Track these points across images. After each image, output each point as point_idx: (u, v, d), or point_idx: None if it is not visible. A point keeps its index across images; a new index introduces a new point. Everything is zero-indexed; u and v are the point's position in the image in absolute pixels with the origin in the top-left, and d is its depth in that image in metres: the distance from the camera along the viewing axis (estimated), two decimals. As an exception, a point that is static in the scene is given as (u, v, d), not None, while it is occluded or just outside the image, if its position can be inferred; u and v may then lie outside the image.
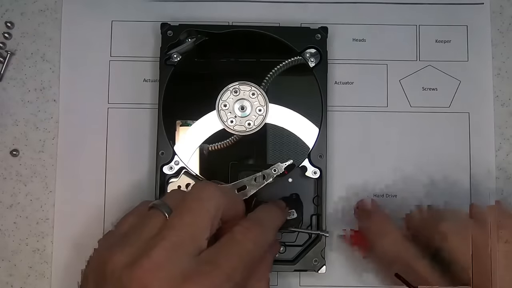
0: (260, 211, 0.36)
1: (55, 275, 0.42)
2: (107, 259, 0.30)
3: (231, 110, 0.42)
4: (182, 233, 0.30)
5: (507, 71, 0.45)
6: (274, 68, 0.42)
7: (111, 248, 0.31)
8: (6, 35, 0.45)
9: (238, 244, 0.32)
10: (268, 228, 0.35)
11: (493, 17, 0.45)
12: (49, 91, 0.44)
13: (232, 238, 0.32)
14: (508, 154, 0.44)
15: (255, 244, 0.32)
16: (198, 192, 0.32)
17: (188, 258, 0.30)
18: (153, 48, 0.44)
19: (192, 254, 0.30)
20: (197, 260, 0.30)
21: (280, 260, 0.41)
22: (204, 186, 0.33)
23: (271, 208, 0.38)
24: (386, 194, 0.43)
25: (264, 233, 0.34)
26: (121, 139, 0.44)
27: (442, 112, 0.44)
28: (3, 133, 0.44)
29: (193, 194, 0.33)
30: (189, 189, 0.34)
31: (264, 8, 0.45)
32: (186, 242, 0.30)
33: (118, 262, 0.29)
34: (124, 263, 0.29)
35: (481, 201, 0.43)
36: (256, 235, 0.33)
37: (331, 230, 0.42)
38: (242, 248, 0.32)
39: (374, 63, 0.45)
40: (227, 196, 0.34)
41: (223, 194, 0.33)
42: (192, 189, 0.33)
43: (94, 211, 0.43)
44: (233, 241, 0.32)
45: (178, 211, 0.31)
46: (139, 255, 0.29)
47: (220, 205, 0.32)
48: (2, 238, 0.43)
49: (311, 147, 0.41)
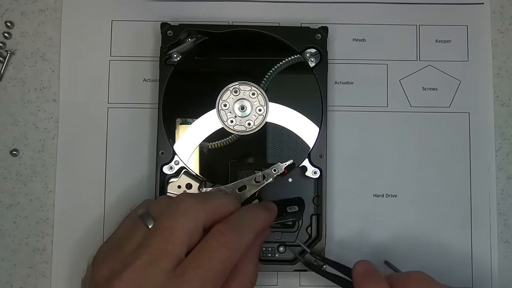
0: (239, 213, 0.35)
1: (55, 275, 0.42)
2: (95, 271, 0.32)
3: (231, 110, 0.42)
4: (155, 251, 0.31)
5: (507, 71, 0.45)
6: (273, 66, 0.42)
7: (99, 259, 0.33)
8: (6, 34, 0.45)
9: (210, 253, 0.31)
10: (246, 231, 0.34)
11: (493, 17, 0.45)
12: (49, 91, 0.44)
13: (205, 247, 0.32)
14: (508, 154, 0.44)
15: (230, 250, 0.32)
16: (174, 208, 0.33)
17: (159, 275, 0.30)
18: (153, 48, 0.44)
19: (165, 270, 0.31)
20: (170, 275, 0.31)
21: (280, 260, 0.41)
22: (179, 201, 0.33)
23: (253, 209, 0.37)
24: (386, 194, 0.43)
25: (241, 237, 0.33)
26: (121, 139, 0.44)
27: (442, 112, 0.44)
28: (3, 133, 0.44)
29: (169, 210, 0.33)
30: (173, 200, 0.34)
31: (264, 8, 0.45)
32: (159, 259, 0.31)
33: (100, 276, 0.31)
34: (106, 277, 0.31)
35: (481, 201, 0.43)
36: (231, 240, 0.32)
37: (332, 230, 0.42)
38: (215, 256, 0.31)
39: (374, 63, 0.45)
40: (210, 204, 0.34)
41: (202, 206, 0.33)
42: (171, 204, 0.33)
43: (94, 211, 0.43)
44: (205, 250, 0.32)
45: (154, 229, 0.32)
46: (118, 271, 0.31)
47: (198, 218, 0.32)
48: (2, 237, 0.43)
49: (311, 147, 0.41)
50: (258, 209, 0.37)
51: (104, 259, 0.32)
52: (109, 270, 0.31)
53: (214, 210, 0.34)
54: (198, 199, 0.33)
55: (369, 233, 0.43)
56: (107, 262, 0.32)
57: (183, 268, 0.31)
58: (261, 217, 0.36)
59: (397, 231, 0.43)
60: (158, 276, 0.30)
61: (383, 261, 0.42)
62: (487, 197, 0.43)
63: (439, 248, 0.40)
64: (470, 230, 0.43)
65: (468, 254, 0.43)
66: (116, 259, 0.32)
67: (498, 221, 0.43)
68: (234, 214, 0.34)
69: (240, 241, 0.33)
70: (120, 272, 0.31)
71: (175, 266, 0.31)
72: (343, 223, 0.43)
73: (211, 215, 0.33)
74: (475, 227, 0.43)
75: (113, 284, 0.30)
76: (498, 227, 0.43)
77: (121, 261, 0.31)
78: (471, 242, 0.43)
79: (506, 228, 0.43)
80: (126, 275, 0.30)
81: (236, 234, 0.33)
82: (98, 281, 0.31)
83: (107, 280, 0.31)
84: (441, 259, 0.42)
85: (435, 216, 0.43)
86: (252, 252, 0.35)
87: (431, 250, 0.42)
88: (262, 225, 0.36)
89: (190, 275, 0.31)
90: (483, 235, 0.43)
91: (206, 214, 0.33)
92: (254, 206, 0.38)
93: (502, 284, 0.43)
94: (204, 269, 0.31)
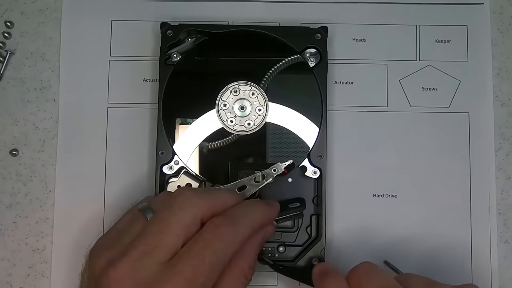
0: (237, 207, 0.35)
1: (55, 275, 0.42)
2: (92, 262, 0.32)
3: (231, 110, 0.42)
4: (151, 241, 0.31)
5: (507, 71, 0.45)
6: (273, 66, 0.42)
7: (97, 250, 0.33)
8: (6, 34, 0.45)
9: (203, 245, 0.31)
10: (242, 224, 0.33)
11: (493, 17, 0.45)
12: (49, 90, 0.44)
13: (199, 238, 0.32)
14: (508, 154, 0.44)
15: (223, 243, 0.32)
16: (172, 201, 0.33)
17: (154, 266, 0.31)
18: (153, 48, 0.44)
19: (159, 262, 0.31)
20: (164, 266, 0.31)
21: (280, 260, 0.41)
22: (178, 194, 0.33)
23: (253, 204, 0.37)
24: (386, 194, 0.43)
25: (236, 230, 0.33)
26: (120, 138, 0.44)
27: (442, 112, 0.44)
28: (3, 133, 0.44)
29: (168, 202, 0.33)
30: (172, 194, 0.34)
31: (264, 8, 0.45)
32: (153, 250, 0.31)
33: (97, 265, 0.32)
34: (102, 267, 0.31)
35: (481, 202, 0.43)
36: (226, 232, 0.32)
37: (332, 230, 0.42)
38: (208, 248, 0.31)
39: (374, 63, 0.45)
40: (210, 198, 0.34)
41: (201, 199, 0.33)
42: (169, 197, 0.34)
43: (94, 210, 0.43)
44: (198, 241, 0.32)
45: (151, 220, 0.33)
46: (114, 260, 0.31)
47: (196, 211, 0.32)
48: (1, 237, 0.43)
49: (311, 146, 0.41)
50: (258, 204, 0.37)
51: (102, 250, 0.33)
52: (106, 261, 0.31)
53: (213, 204, 0.34)
54: (197, 192, 0.34)
55: (369, 233, 0.43)
56: (105, 253, 0.32)
57: (176, 259, 0.31)
58: (260, 212, 0.36)
59: (396, 231, 0.43)
60: (152, 266, 0.30)
61: (383, 261, 0.42)
62: (487, 197, 0.43)
63: (439, 248, 0.40)
64: (470, 230, 0.43)
65: (468, 254, 0.43)
66: (114, 250, 0.32)
67: (498, 221, 0.43)
68: (232, 208, 0.34)
69: (235, 234, 0.33)
70: (116, 261, 0.31)
71: (170, 258, 0.31)
72: (343, 223, 0.43)
73: (210, 208, 0.33)
74: (475, 227, 0.43)
75: (108, 272, 0.30)
76: (498, 227, 0.43)
77: (118, 252, 0.31)
78: (471, 242, 0.43)
79: (506, 228, 0.43)
80: (121, 264, 0.30)
81: (231, 227, 0.33)
82: (95, 271, 0.32)
83: (102, 269, 0.31)
84: (441, 259, 0.42)
85: (435, 216, 0.43)
86: (250, 248, 0.35)
87: (431, 250, 0.42)
88: (261, 220, 0.36)
89: (182, 265, 0.31)
90: (483, 235, 0.43)
91: (205, 207, 0.33)
92: (254, 201, 0.38)
93: (502, 284, 0.43)
94: (197, 260, 0.31)
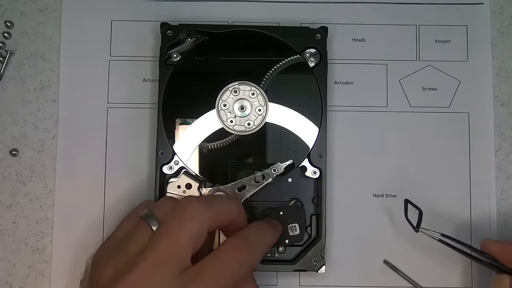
0: (252, 230, 0.35)
1: (55, 275, 0.42)
2: (97, 271, 0.32)
3: (231, 110, 0.42)
4: (162, 254, 0.31)
5: (507, 71, 0.45)
6: (273, 66, 0.42)
7: (102, 260, 0.33)
8: (6, 34, 0.45)
9: (222, 266, 0.32)
10: (257, 250, 0.34)
11: (493, 17, 0.45)
12: (49, 90, 0.44)
13: (218, 258, 0.32)
14: (508, 154, 0.44)
15: (240, 266, 0.32)
16: (181, 211, 0.33)
17: (166, 279, 0.30)
18: (153, 48, 0.44)
19: (171, 274, 0.31)
20: (177, 280, 0.30)
21: (280, 260, 0.41)
22: (186, 205, 0.33)
23: (264, 227, 0.37)
24: (386, 194, 0.43)
25: (252, 254, 0.33)
26: (120, 139, 0.44)
27: (442, 112, 0.44)
28: (3, 133, 0.44)
29: (176, 213, 0.33)
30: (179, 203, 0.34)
31: (264, 8, 0.45)
32: (165, 263, 0.31)
33: (104, 276, 0.31)
34: (109, 278, 0.31)
35: (481, 201, 0.43)
36: (244, 256, 0.32)
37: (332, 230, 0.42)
38: (226, 270, 0.32)
39: (374, 63, 0.45)
40: (216, 209, 0.34)
41: (208, 210, 0.33)
42: (177, 206, 0.33)
43: (94, 211, 0.43)
44: (218, 261, 0.32)
45: (160, 231, 0.32)
46: (122, 272, 0.30)
47: (204, 222, 0.32)
48: (1, 237, 0.43)
49: (311, 147, 0.41)
50: (268, 229, 0.37)
51: (106, 259, 0.32)
52: (112, 271, 0.31)
53: (218, 214, 0.34)
54: (205, 203, 0.33)
55: (369, 233, 0.43)
56: (110, 263, 0.32)
57: (193, 275, 0.31)
58: (270, 237, 0.37)
59: (396, 231, 0.43)
60: (163, 280, 0.30)
61: (383, 261, 0.42)
62: (487, 197, 0.43)
63: (439, 248, 0.40)
64: (470, 230, 0.43)
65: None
66: (120, 260, 0.31)
67: (498, 221, 0.43)
68: (246, 230, 0.35)
69: (251, 258, 0.33)
70: (125, 273, 0.30)
71: (181, 271, 0.31)
72: (343, 223, 0.43)
73: (215, 219, 0.33)
74: (475, 227, 0.43)
75: (118, 285, 0.30)
76: (498, 227, 0.43)
77: (125, 263, 0.31)
78: (471, 242, 0.43)
79: (506, 228, 0.43)
80: (131, 277, 0.30)
81: (248, 250, 0.33)
82: (101, 281, 0.31)
83: (111, 281, 0.31)
84: (441, 259, 0.42)
85: (435, 216, 0.43)
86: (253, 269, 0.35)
87: (431, 250, 0.42)
88: (270, 244, 0.37)
89: (201, 283, 0.30)
90: (483, 235, 0.43)
91: (212, 219, 0.33)
92: (264, 225, 0.38)
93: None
94: (216, 281, 0.31)
